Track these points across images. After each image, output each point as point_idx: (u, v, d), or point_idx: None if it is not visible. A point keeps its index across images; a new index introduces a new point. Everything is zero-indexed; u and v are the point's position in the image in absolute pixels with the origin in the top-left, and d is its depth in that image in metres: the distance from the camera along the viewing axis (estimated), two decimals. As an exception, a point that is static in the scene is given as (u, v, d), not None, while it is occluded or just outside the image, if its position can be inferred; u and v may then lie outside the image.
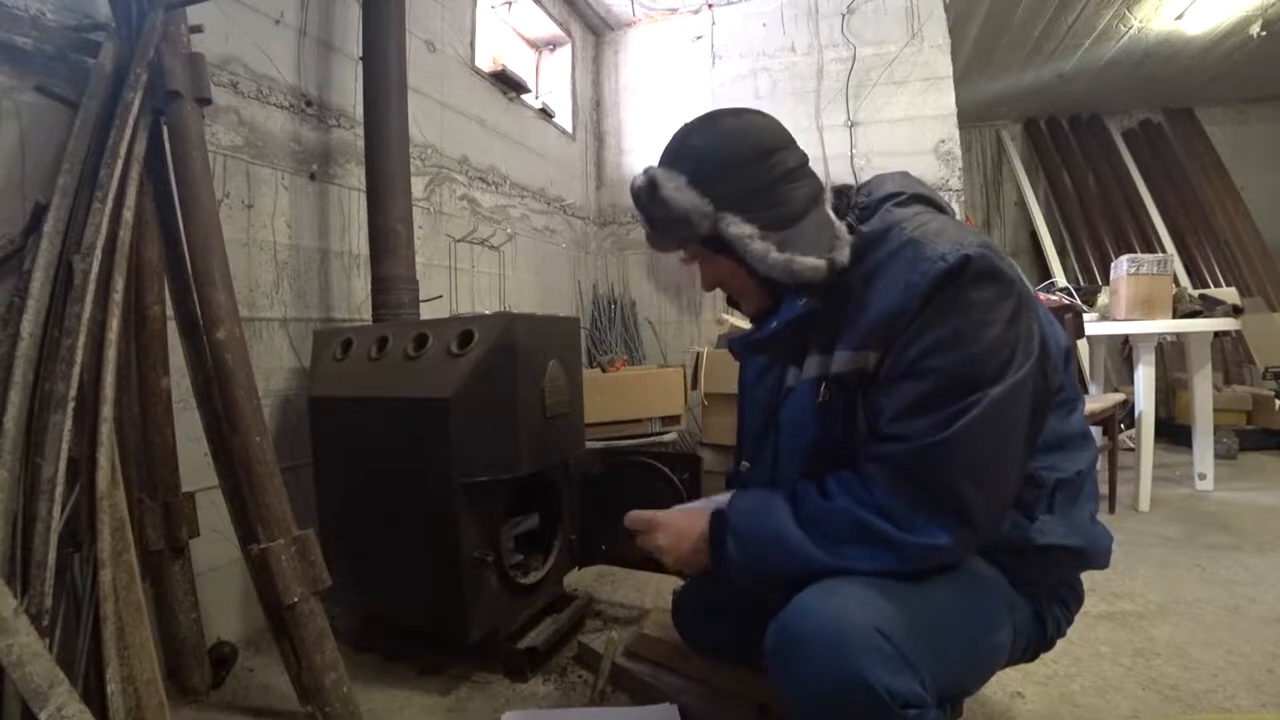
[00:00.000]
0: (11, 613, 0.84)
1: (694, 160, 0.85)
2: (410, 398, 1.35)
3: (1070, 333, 2.25)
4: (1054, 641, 0.95)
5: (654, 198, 0.85)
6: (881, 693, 0.67)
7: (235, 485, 1.27)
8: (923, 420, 0.74)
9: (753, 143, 0.85)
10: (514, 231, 2.89)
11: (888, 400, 0.78)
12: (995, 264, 0.75)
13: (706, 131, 0.87)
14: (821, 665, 0.70)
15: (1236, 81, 4.66)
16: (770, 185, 0.84)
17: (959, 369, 0.73)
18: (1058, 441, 0.85)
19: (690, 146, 0.87)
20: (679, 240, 0.89)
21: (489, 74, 2.76)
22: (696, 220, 0.83)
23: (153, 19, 1.27)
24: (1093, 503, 0.90)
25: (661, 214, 0.85)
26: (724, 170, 0.84)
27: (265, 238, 1.72)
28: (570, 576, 1.72)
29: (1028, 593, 0.89)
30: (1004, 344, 0.74)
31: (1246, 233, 4.70)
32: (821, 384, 0.85)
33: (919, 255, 0.77)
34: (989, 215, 5.59)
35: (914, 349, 0.75)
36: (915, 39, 3.25)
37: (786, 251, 0.82)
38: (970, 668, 0.85)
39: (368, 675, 1.41)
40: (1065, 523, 0.85)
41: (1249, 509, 2.46)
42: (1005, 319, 0.74)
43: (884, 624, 0.70)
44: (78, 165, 1.20)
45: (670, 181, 0.84)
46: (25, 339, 1.06)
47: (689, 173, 0.84)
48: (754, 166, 0.84)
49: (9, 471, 0.99)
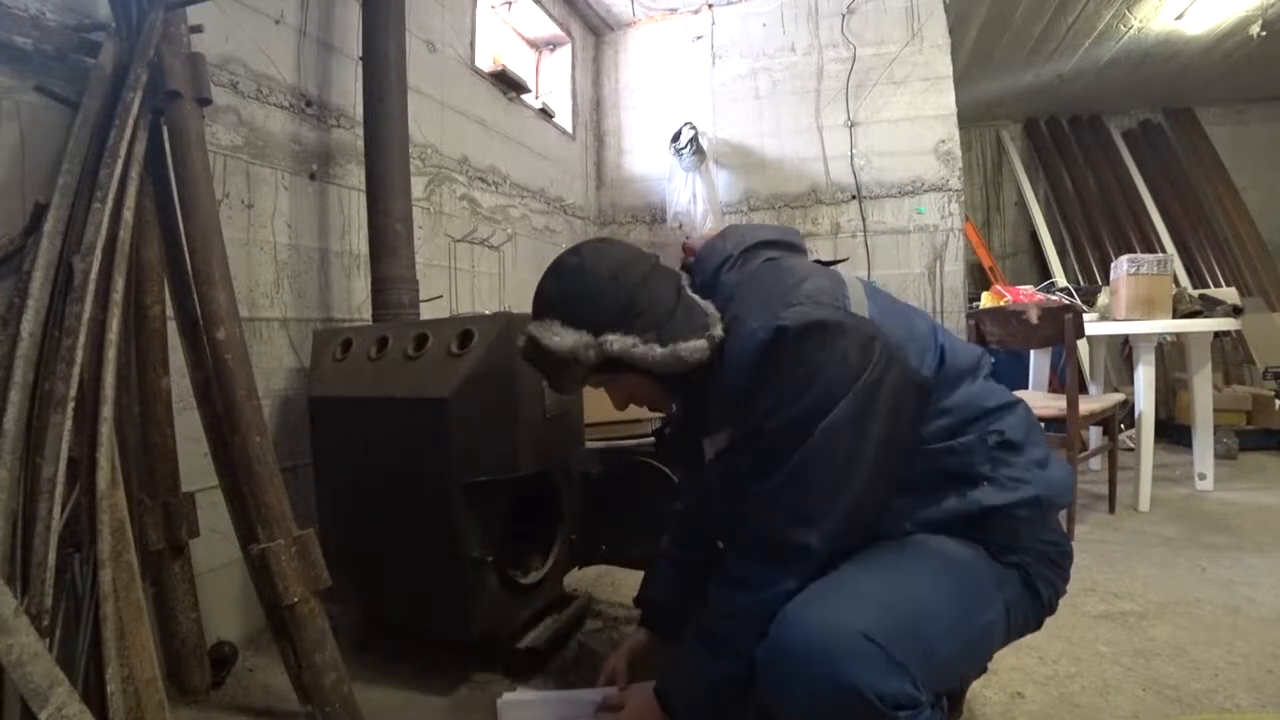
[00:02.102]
0: (11, 613, 0.84)
1: (558, 304, 0.92)
2: (410, 398, 1.35)
3: (1071, 333, 2.25)
4: (1054, 605, 0.95)
5: (539, 350, 0.91)
6: (872, 698, 0.68)
7: (235, 485, 1.27)
8: (760, 481, 0.84)
9: (601, 269, 0.91)
10: (514, 231, 2.89)
11: (743, 464, 0.88)
12: (810, 318, 0.81)
13: (558, 277, 0.94)
14: (810, 676, 0.71)
15: (1236, 81, 4.66)
16: (632, 298, 0.90)
17: (789, 422, 0.81)
18: (970, 413, 0.89)
19: (549, 294, 0.93)
20: (578, 377, 0.94)
21: (489, 74, 2.76)
22: (582, 353, 0.89)
23: (153, 19, 1.27)
24: (1039, 448, 0.92)
25: (553, 361, 0.91)
26: (587, 301, 0.90)
27: (265, 238, 1.72)
28: (570, 576, 1.72)
29: (1013, 563, 0.89)
30: (832, 382, 0.81)
31: (1246, 233, 4.70)
32: (723, 458, 0.95)
33: (742, 332, 0.86)
34: (989, 215, 5.59)
35: (751, 418, 0.85)
36: (915, 39, 3.25)
37: (669, 345, 0.88)
38: (964, 655, 0.86)
39: (368, 675, 1.40)
40: (1010, 476, 0.87)
41: (1249, 509, 2.46)
42: (828, 362, 0.81)
43: (870, 628, 0.71)
44: (78, 165, 1.19)
45: (546, 331, 0.90)
46: (25, 339, 1.06)
47: (560, 317, 0.90)
48: (611, 288, 0.90)
49: (9, 471, 0.99)
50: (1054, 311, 2.29)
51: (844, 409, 0.79)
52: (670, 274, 0.96)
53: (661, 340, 0.88)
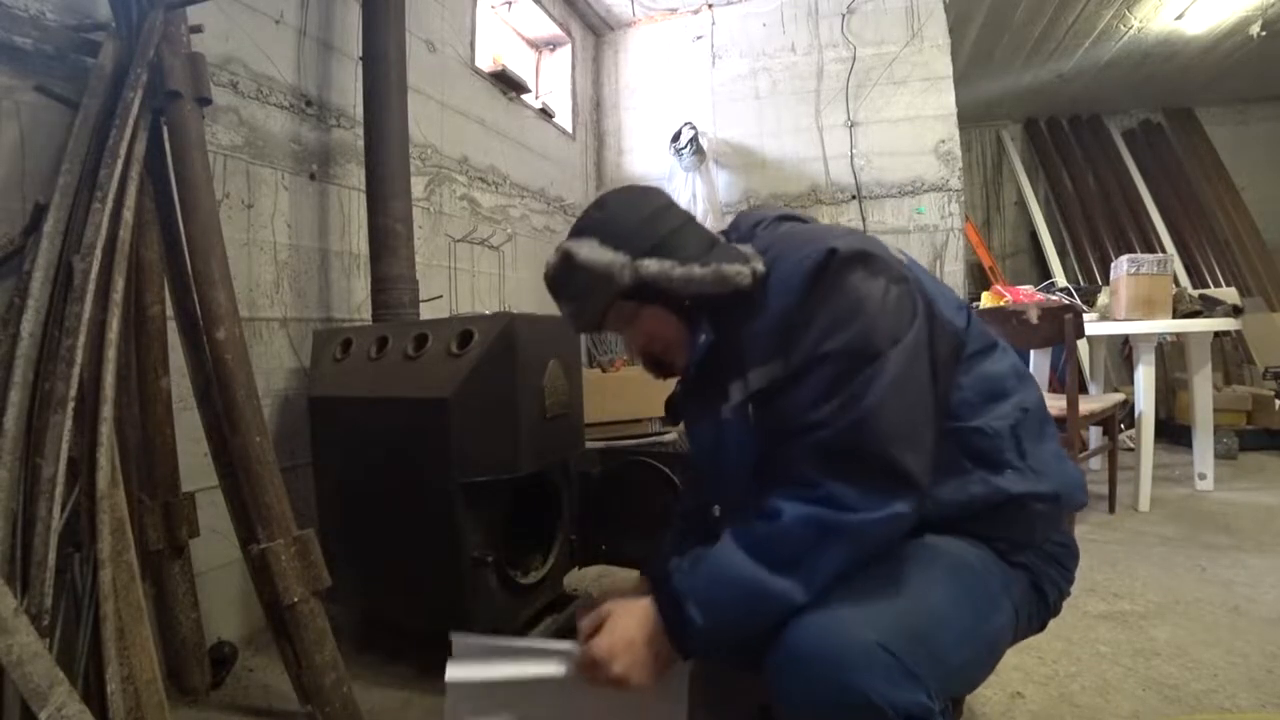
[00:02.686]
0: (11, 613, 0.84)
1: (598, 226, 0.90)
2: (410, 398, 1.35)
3: (1071, 333, 2.25)
4: (1059, 606, 0.95)
5: (571, 265, 0.89)
6: (886, 709, 0.67)
7: (235, 485, 1.27)
8: (836, 401, 0.76)
9: (646, 202, 0.92)
10: (514, 231, 2.89)
11: (800, 394, 0.80)
12: (859, 248, 0.80)
13: (600, 206, 0.93)
14: (825, 685, 0.70)
15: (1236, 81, 4.66)
16: (672, 233, 0.89)
17: (853, 344, 0.77)
18: (996, 389, 0.88)
19: (590, 218, 0.92)
20: (604, 303, 0.91)
21: (489, 74, 2.76)
22: (617, 272, 0.86)
23: (153, 19, 1.27)
24: (1053, 440, 0.91)
25: (582, 280, 0.89)
26: (628, 227, 0.89)
27: (265, 238, 1.72)
28: (570, 576, 1.72)
29: (1020, 563, 0.88)
30: (886, 312, 0.78)
31: (1246, 233, 4.70)
32: (748, 406, 0.87)
33: (789, 260, 0.83)
34: (989, 215, 5.59)
35: (807, 341, 0.79)
36: (915, 39, 3.25)
37: (710, 265, 0.85)
38: (976, 660, 0.85)
39: (368, 675, 1.40)
40: (1033, 466, 0.86)
41: (1249, 509, 2.46)
42: (879, 292, 0.79)
43: (885, 637, 0.70)
44: (78, 165, 1.20)
45: (582, 246, 0.88)
46: (25, 339, 1.06)
47: (598, 236, 0.89)
48: (653, 221, 0.90)
49: (9, 471, 0.99)
50: (1054, 311, 2.29)
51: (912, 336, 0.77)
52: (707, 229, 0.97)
53: (703, 264, 0.86)
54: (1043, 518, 0.88)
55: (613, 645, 0.79)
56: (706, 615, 0.76)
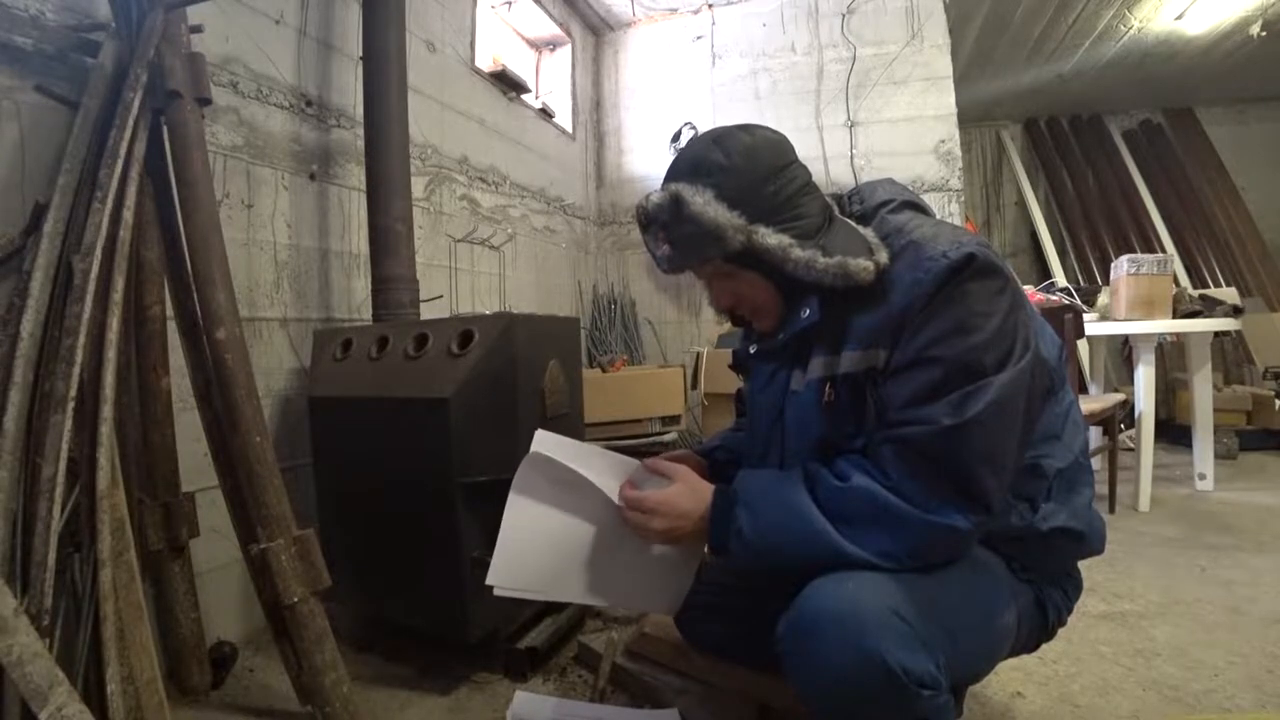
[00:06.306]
0: (11, 613, 0.84)
1: (717, 176, 0.83)
2: (410, 398, 1.35)
3: (1071, 333, 2.25)
4: (1055, 630, 0.96)
5: (680, 214, 0.82)
6: (899, 672, 0.67)
7: (235, 485, 1.27)
8: (935, 406, 0.76)
9: (771, 158, 0.85)
10: (514, 231, 2.89)
11: (898, 388, 0.79)
12: (994, 261, 0.78)
13: (724, 147, 0.85)
14: (838, 645, 0.70)
15: (1236, 81, 4.66)
16: (791, 198, 0.84)
17: (964, 356, 0.76)
18: (1054, 429, 0.88)
19: (711, 162, 0.84)
20: (704, 258, 0.86)
21: (489, 74, 2.76)
22: (730, 235, 0.81)
23: (153, 19, 1.27)
24: (1089, 488, 0.92)
25: (689, 231, 0.82)
26: (749, 185, 0.82)
27: (265, 238, 1.72)
28: (570, 576, 1.71)
29: (1027, 579, 0.90)
30: (1004, 335, 0.77)
31: (1246, 233, 4.69)
32: (826, 384, 0.86)
33: (921, 255, 0.80)
34: (989, 215, 5.58)
35: (921, 339, 0.78)
36: (915, 39, 3.25)
37: (836, 255, 0.81)
38: (981, 650, 0.86)
39: (368, 675, 1.40)
40: (1066, 509, 0.88)
41: (1249, 509, 2.46)
42: (1004, 311, 0.77)
43: (899, 606, 0.71)
44: (78, 165, 1.19)
45: (698, 197, 0.81)
46: (25, 339, 1.06)
47: (715, 188, 0.82)
48: (775, 180, 0.84)
49: (9, 471, 0.99)
50: (1054, 311, 2.29)
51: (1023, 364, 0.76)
52: (822, 192, 0.91)
53: (826, 251, 0.81)
54: (1060, 550, 0.90)
55: (664, 504, 0.88)
56: (753, 525, 0.81)
